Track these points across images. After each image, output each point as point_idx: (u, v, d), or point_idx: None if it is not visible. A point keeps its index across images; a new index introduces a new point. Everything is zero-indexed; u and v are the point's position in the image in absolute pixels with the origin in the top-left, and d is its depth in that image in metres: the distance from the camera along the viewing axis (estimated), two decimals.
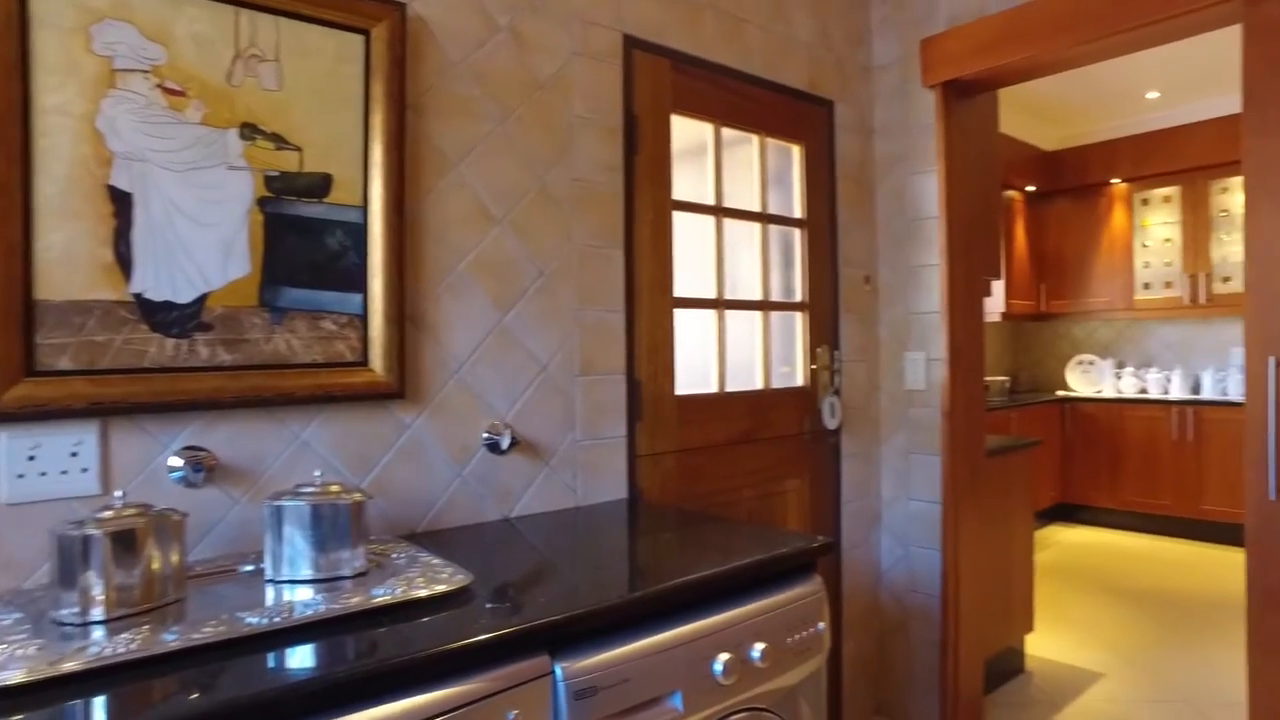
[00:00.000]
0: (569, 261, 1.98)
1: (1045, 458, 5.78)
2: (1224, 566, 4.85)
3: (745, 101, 2.44)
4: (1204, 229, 5.63)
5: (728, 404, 2.36)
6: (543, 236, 1.93)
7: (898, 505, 2.81)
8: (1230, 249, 5.52)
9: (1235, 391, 5.43)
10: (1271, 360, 2.00)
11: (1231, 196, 5.53)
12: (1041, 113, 5.83)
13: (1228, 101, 5.39)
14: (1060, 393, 6.23)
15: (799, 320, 2.62)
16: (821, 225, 2.67)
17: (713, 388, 2.34)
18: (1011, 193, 6.01)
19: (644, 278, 2.12)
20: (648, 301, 2.13)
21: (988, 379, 5.69)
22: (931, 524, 2.70)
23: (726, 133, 2.43)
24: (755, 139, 2.50)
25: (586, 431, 2.00)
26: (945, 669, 2.66)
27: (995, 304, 5.76)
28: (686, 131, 2.34)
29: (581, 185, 2.01)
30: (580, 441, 1.99)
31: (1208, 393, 5.55)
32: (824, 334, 2.67)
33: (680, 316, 2.23)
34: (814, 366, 2.62)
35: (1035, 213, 6.34)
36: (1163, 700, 3.04)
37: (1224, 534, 5.32)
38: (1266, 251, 2.03)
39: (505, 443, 1.79)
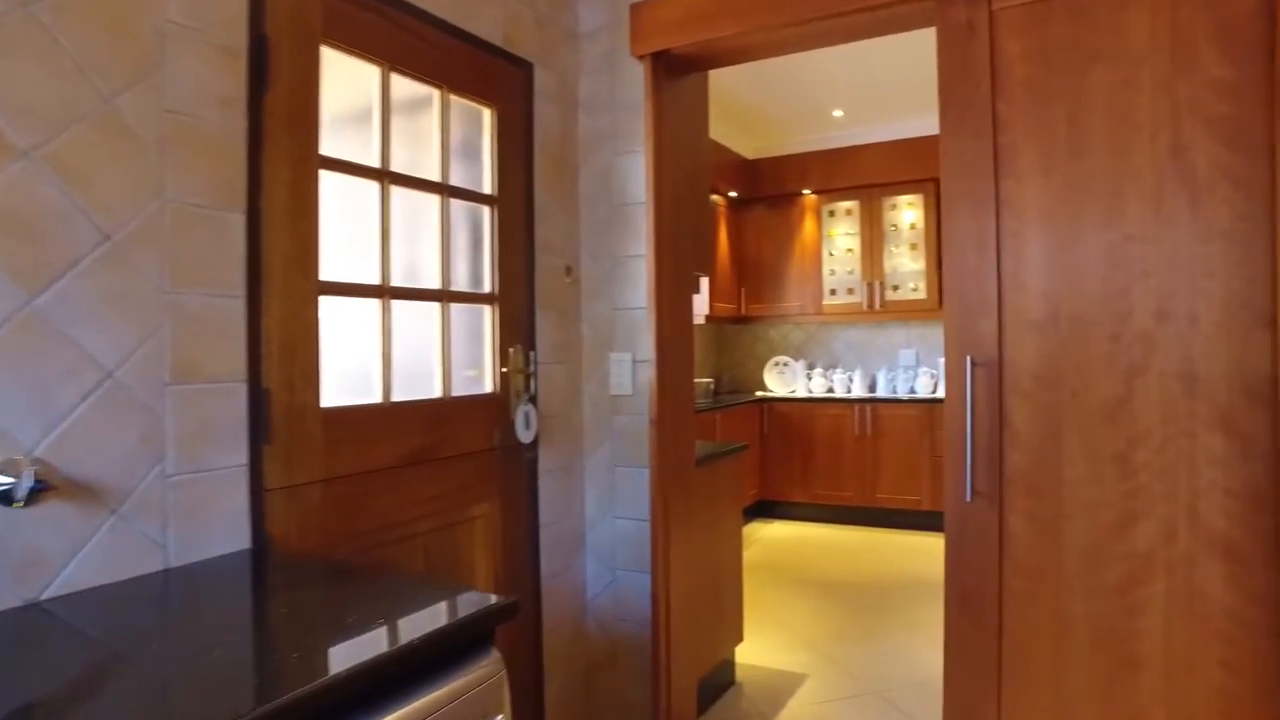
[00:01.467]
0: (157, 224, 1.40)
1: (747, 457, 5.95)
2: (896, 550, 5.27)
3: (425, 46, 1.99)
4: (879, 241, 6.14)
5: (396, 417, 1.89)
6: (110, 185, 1.34)
7: (603, 525, 2.51)
8: (899, 260, 6.07)
9: (903, 389, 5.99)
10: (968, 359, 1.96)
11: (899, 213, 6.08)
12: (743, 122, 6.01)
13: (897, 126, 5.92)
14: (759, 393, 6.49)
15: (488, 315, 2.21)
16: (516, 205, 2.29)
17: (376, 397, 1.85)
18: (716, 197, 6.13)
19: (277, 254, 1.59)
20: (283, 285, 1.60)
21: (694, 380, 5.74)
22: (640, 543, 2.43)
23: (405, 88, 1.97)
24: (437, 94, 2.06)
25: (184, 462, 1.43)
26: (658, 701, 2.41)
27: (700, 306, 5.82)
28: (355, 86, 1.84)
29: (179, 120, 1.44)
30: (173, 476, 1.41)
31: (882, 391, 6.07)
32: (517, 331, 2.29)
33: (331, 306, 1.72)
34: (505, 369, 2.22)
35: (737, 218, 6.55)
36: (858, 694, 3.08)
37: (895, 519, 5.81)
38: (960, 253, 2.01)
39: (25, 488, 1.18)
